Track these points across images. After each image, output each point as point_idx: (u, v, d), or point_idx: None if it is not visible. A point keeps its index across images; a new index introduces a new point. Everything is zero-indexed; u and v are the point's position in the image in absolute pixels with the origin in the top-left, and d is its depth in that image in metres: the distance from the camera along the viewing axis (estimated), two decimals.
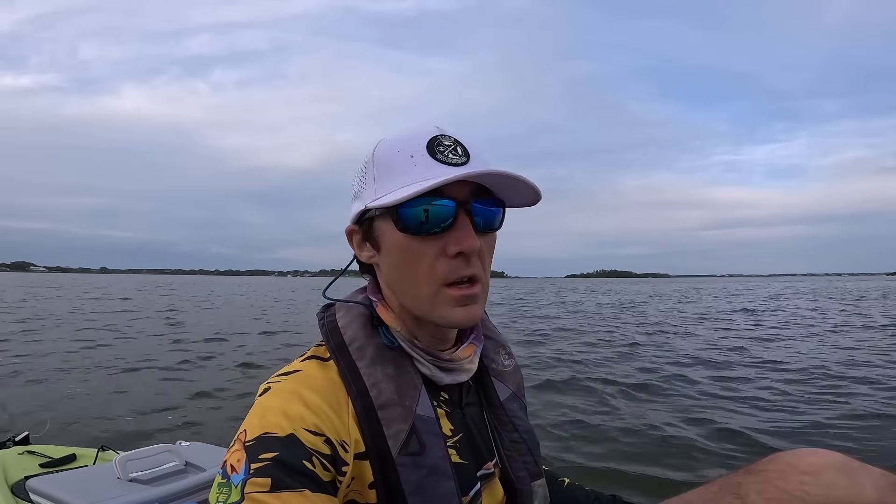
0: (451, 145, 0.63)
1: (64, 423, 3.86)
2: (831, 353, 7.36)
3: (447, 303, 0.63)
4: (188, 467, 1.55)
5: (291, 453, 0.54)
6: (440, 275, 0.62)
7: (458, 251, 0.61)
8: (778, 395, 4.90)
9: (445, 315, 0.63)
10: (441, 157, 0.62)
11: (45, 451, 1.77)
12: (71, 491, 1.33)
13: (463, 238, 0.61)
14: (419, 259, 0.62)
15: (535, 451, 0.78)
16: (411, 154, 0.62)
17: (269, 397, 0.60)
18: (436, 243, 0.62)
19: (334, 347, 0.66)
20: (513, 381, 0.81)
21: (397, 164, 0.63)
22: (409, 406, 0.63)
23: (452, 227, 0.61)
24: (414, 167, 0.61)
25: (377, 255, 0.67)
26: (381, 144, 0.66)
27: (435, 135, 0.64)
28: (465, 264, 0.62)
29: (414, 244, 0.62)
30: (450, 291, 0.63)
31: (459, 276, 0.62)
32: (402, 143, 0.64)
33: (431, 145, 0.63)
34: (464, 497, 0.66)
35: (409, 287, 0.64)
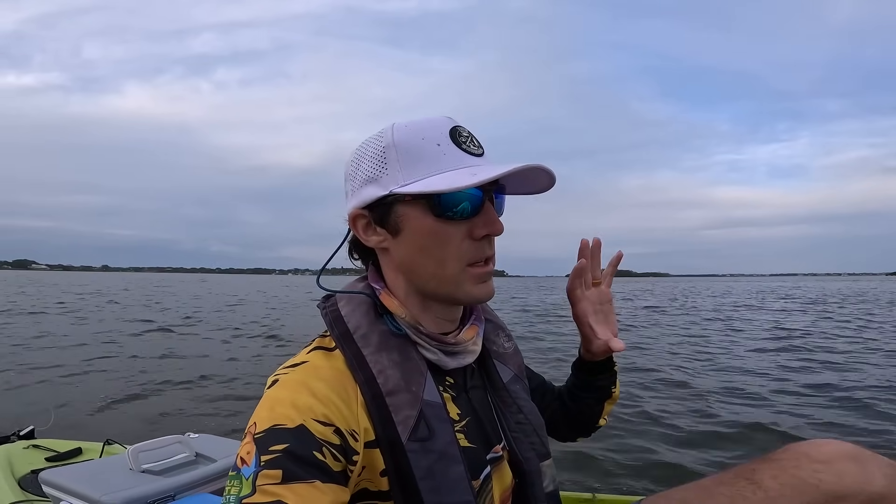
0: (469, 136, 0.67)
1: (67, 417, 3.87)
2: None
3: (470, 280, 0.67)
4: (199, 458, 1.55)
5: (302, 444, 0.55)
6: (466, 256, 0.66)
7: (485, 234, 0.66)
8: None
9: (470, 291, 0.68)
10: (465, 147, 0.65)
11: (50, 444, 1.78)
12: (85, 482, 1.34)
13: (490, 222, 0.66)
14: (448, 242, 0.65)
15: (541, 432, 0.79)
16: (437, 142, 0.64)
17: (277, 389, 0.61)
18: (462, 227, 0.65)
19: (339, 336, 0.67)
20: (514, 362, 0.82)
21: (425, 151, 0.64)
22: (416, 392, 0.64)
23: (479, 212, 0.66)
24: (444, 155, 0.64)
25: (390, 240, 0.67)
26: (399, 130, 0.66)
27: (454, 125, 0.66)
28: (489, 246, 0.68)
29: (443, 228, 0.65)
30: (472, 270, 0.67)
31: (485, 256, 0.67)
32: (423, 129, 0.65)
33: (454, 134, 0.65)
34: (474, 481, 0.66)
35: (435, 268, 0.66)
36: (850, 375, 5.71)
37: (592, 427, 0.98)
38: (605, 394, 0.94)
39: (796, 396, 4.80)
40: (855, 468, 0.67)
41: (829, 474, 0.66)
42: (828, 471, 0.67)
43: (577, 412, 0.95)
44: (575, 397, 0.95)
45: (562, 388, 0.99)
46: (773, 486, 0.67)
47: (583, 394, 0.94)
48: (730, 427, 3.78)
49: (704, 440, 3.52)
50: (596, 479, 2.70)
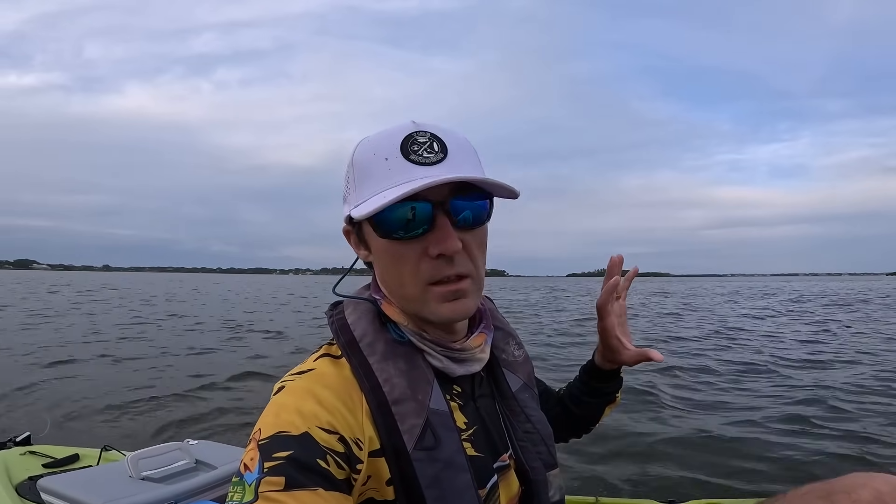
0: (426, 142, 0.62)
1: (63, 422, 3.86)
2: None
3: (435, 300, 0.63)
4: (199, 465, 1.54)
5: (305, 452, 0.54)
6: (424, 275, 0.62)
7: (438, 253, 0.60)
8: None
9: (435, 312, 0.64)
10: (415, 158, 0.60)
11: (47, 451, 1.77)
12: (85, 490, 1.33)
13: (441, 239, 0.60)
14: (403, 262, 0.63)
15: (549, 441, 0.78)
16: (385, 157, 0.61)
17: (283, 396, 0.60)
18: (418, 245, 0.62)
19: (345, 344, 0.66)
20: (523, 371, 0.81)
21: (373, 168, 0.62)
22: (423, 400, 0.63)
23: (432, 229, 0.61)
24: (388, 171, 0.60)
25: (371, 256, 0.68)
26: (360, 146, 0.65)
27: (409, 132, 0.62)
28: (449, 264, 0.62)
29: (396, 247, 0.62)
30: (436, 289, 0.63)
31: (444, 276, 0.62)
32: (378, 144, 0.63)
33: (405, 145, 0.61)
34: (481, 490, 0.66)
35: (398, 287, 0.65)
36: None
37: (589, 430, 0.98)
38: (610, 399, 0.94)
39: None
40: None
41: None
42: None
43: (579, 416, 0.95)
44: (580, 402, 0.94)
45: (562, 392, 0.99)
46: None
47: (590, 399, 0.94)
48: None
49: None
50: (600, 484, 2.69)
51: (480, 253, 0.66)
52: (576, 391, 0.96)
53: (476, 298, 0.67)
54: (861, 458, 3.29)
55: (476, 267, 0.65)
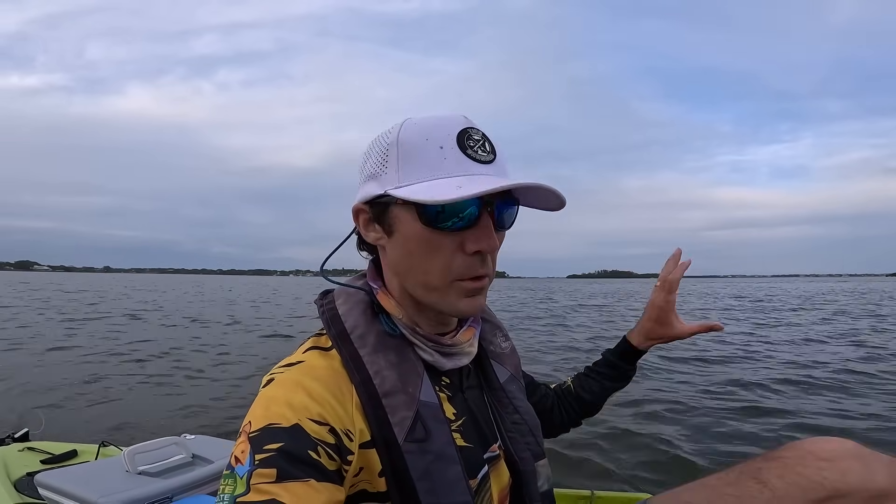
0: (480, 140, 0.62)
1: (61, 419, 3.86)
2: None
3: (457, 294, 0.64)
4: (196, 459, 1.55)
5: (296, 443, 0.54)
6: (456, 270, 0.62)
7: (476, 250, 0.61)
8: None
9: (453, 304, 0.64)
10: (471, 153, 0.61)
11: (45, 447, 1.77)
12: (81, 484, 1.34)
13: (484, 238, 0.61)
14: (436, 252, 0.62)
15: (536, 432, 0.79)
16: (441, 145, 0.60)
17: (272, 388, 0.60)
18: (455, 238, 0.61)
19: (336, 336, 0.66)
20: (511, 362, 0.82)
21: (426, 154, 0.60)
22: (413, 393, 0.63)
23: (474, 225, 0.61)
24: (444, 160, 0.60)
25: (386, 239, 0.66)
26: (408, 127, 0.63)
27: (465, 127, 0.62)
28: (482, 262, 0.63)
29: (434, 237, 0.61)
30: (462, 284, 0.63)
31: (474, 274, 0.63)
32: (430, 129, 0.62)
33: (462, 138, 0.61)
34: (472, 480, 0.66)
35: (420, 276, 0.64)
36: None
37: (592, 415, 1.02)
38: (626, 382, 1.01)
39: None
40: (858, 466, 0.68)
41: (833, 472, 0.68)
42: (832, 468, 0.68)
43: (588, 402, 0.99)
44: (599, 387, 0.99)
45: (566, 384, 1.01)
46: (779, 485, 0.68)
47: (611, 383, 0.99)
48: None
49: None
50: (594, 477, 2.69)
51: (496, 254, 0.67)
52: (593, 375, 1.00)
53: (486, 296, 0.68)
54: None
55: (494, 267, 0.66)
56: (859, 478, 0.67)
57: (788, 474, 0.69)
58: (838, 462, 0.68)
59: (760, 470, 0.72)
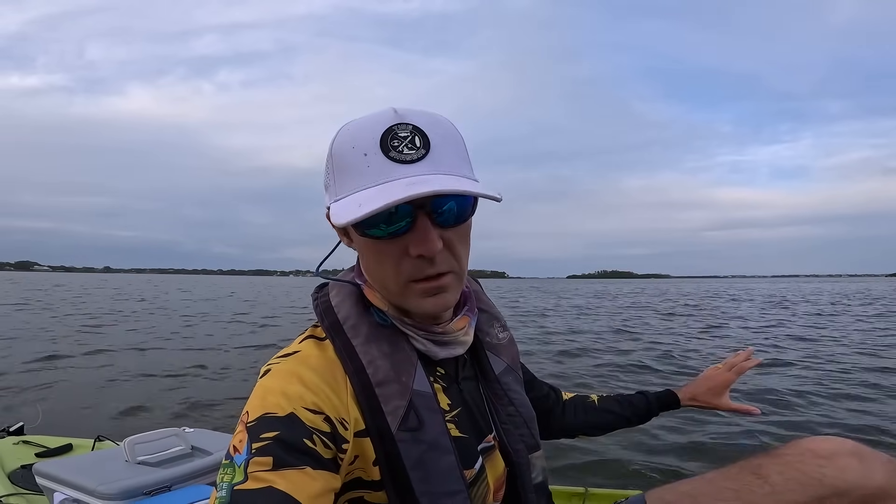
0: (407, 136, 0.58)
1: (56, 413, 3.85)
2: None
3: (416, 295, 0.64)
4: (195, 451, 1.56)
5: (292, 432, 0.56)
6: (405, 273, 0.62)
7: (417, 254, 0.60)
8: None
9: (419, 305, 0.65)
10: (394, 155, 0.57)
11: (40, 441, 1.78)
12: (80, 473, 1.34)
13: (421, 241, 0.59)
14: (384, 259, 0.62)
15: (531, 424, 0.79)
16: (364, 152, 0.58)
17: (269, 379, 0.62)
18: (399, 243, 0.61)
19: (329, 326, 0.68)
20: (507, 354, 0.82)
21: (351, 163, 0.59)
22: (406, 382, 0.65)
23: (412, 229, 0.59)
24: (367, 168, 0.58)
25: (353, 244, 0.69)
26: (340, 134, 0.62)
27: (390, 125, 0.59)
28: (429, 264, 0.61)
29: (377, 246, 0.62)
30: (417, 286, 0.63)
31: (424, 275, 0.62)
32: (357, 135, 0.60)
33: (385, 139, 0.58)
34: (467, 471, 0.67)
35: (380, 281, 0.66)
36: None
37: (592, 436, 1.09)
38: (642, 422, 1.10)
39: None
40: (856, 464, 0.71)
41: (831, 469, 0.70)
42: (830, 466, 0.71)
43: (604, 426, 1.07)
44: (625, 419, 1.08)
45: (598, 400, 1.08)
46: (778, 481, 0.71)
47: (636, 422, 1.08)
48: None
49: None
50: (588, 473, 2.69)
51: (463, 248, 0.65)
52: (626, 405, 1.08)
53: (457, 291, 0.67)
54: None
55: (458, 262, 0.64)
56: (857, 476, 0.70)
57: (788, 471, 0.72)
58: (837, 460, 0.71)
59: (760, 466, 0.74)
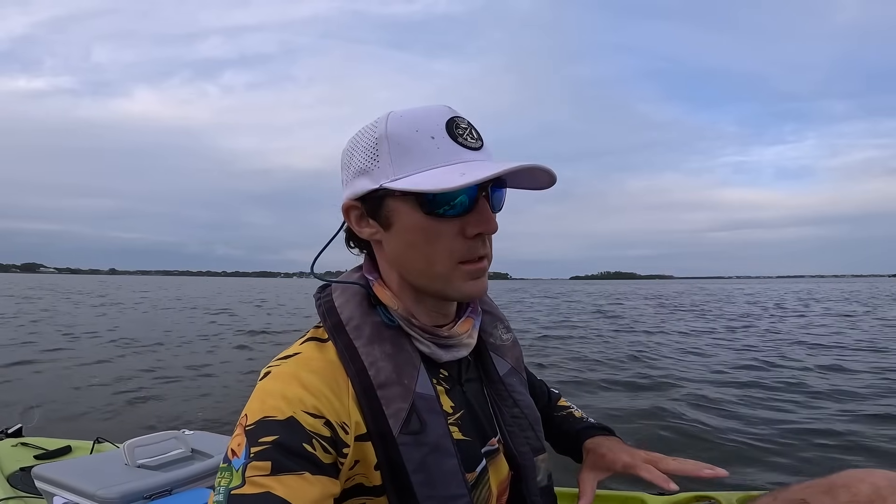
0: (468, 128, 0.64)
1: (55, 415, 3.86)
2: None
3: (461, 277, 0.65)
4: (195, 454, 1.55)
5: (291, 436, 0.55)
6: (457, 254, 0.63)
7: (477, 232, 0.63)
8: None
9: (460, 288, 0.65)
10: (462, 141, 0.62)
11: (38, 443, 1.77)
12: (79, 476, 1.33)
13: (484, 220, 0.63)
14: (438, 239, 0.63)
15: (537, 427, 0.78)
16: (431, 135, 0.61)
17: (268, 381, 0.61)
18: (455, 224, 0.63)
19: (331, 327, 0.67)
20: (511, 355, 0.81)
21: (418, 145, 0.61)
22: (409, 384, 0.63)
23: (472, 210, 0.63)
24: (437, 149, 0.61)
25: (382, 233, 0.67)
26: (394, 120, 0.63)
27: (452, 116, 0.63)
28: (482, 244, 0.65)
29: (434, 225, 0.62)
30: (465, 267, 0.64)
31: (477, 256, 0.64)
32: (418, 121, 0.62)
33: (451, 127, 0.62)
34: (470, 474, 0.66)
35: (424, 264, 0.64)
36: None
37: None
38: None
39: None
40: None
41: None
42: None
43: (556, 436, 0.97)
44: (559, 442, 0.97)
45: (550, 411, 0.98)
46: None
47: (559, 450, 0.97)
48: None
49: None
50: None
51: (492, 240, 0.68)
52: (555, 430, 0.95)
53: (487, 280, 0.68)
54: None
55: (492, 251, 0.68)
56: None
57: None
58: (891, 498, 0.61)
59: (805, 502, 0.64)
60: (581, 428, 0.92)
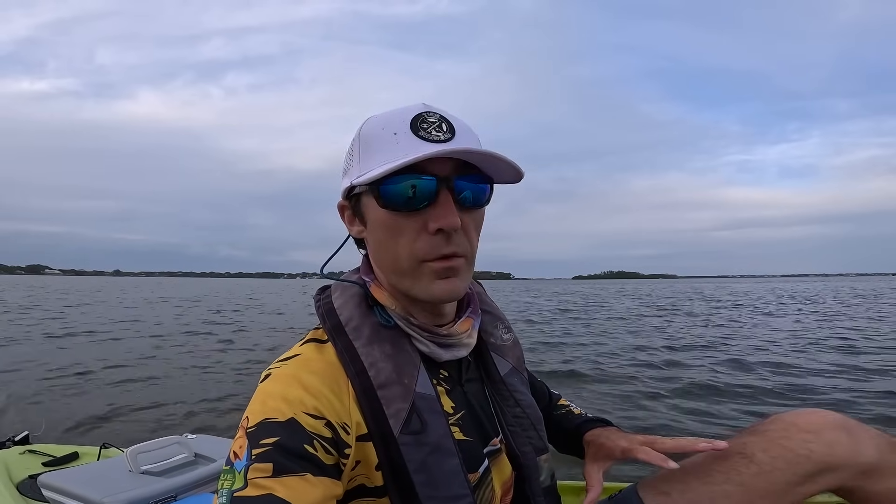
0: (436, 122, 0.62)
1: (61, 421, 3.86)
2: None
3: (427, 276, 0.63)
4: (198, 459, 1.55)
5: (292, 438, 0.55)
6: (420, 251, 0.62)
7: (437, 228, 0.61)
8: None
9: (426, 288, 0.64)
10: (424, 135, 0.61)
11: (46, 450, 1.78)
12: (85, 485, 1.34)
13: (443, 215, 0.60)
14: (400, 235, 0.62)
15: (539, 426, 0.78)
16: (394, 132, 0.62)
17: (269, 383, 0.61)
18: (417, 219, 0.62)
19: (331, 329, 0.67)
20: (512, 355, 0.81)
21: (380, 142, 0.62)
22: (409, 384, 0.63)
23: (433, 204, 0.61)
24: (396, 144, 0.61)
25: (365, 230, 0.68)
26: (368, 122, 0.66)
27: (420, 112, 0.63)
28: (446, 241, 0.62)
29: (396, 220, 0.62)
30: (430, 265, 0.63)
31: (440, 254, 0.62)
32: (387, 120, 0.64)
33: (415, 122, 0.62)
34: (472, 474, 0.66)
35: (391, 262, 0.65)
36: None
37: None
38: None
39: None
40: (846, 438, 0.67)
41: (819, 444, 0.67)
42: (817, 441, 0.67)
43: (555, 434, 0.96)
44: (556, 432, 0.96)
45: (561, 413, 0.98)
46: (764, 460, 0.68)
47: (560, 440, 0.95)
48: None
49: None
50: None
51: (476, 235, 0.66)
52: (557, 428, 0.95)
53: (466, 280, 0.67)
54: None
55: (471, 247, 0.65)
56: (847, 451, 0.67)
57: (773, 448, 0.69)
58: (824, 434, 0.68)
59: (745, 444, 0.71)
60: (580, 423, 0.93)
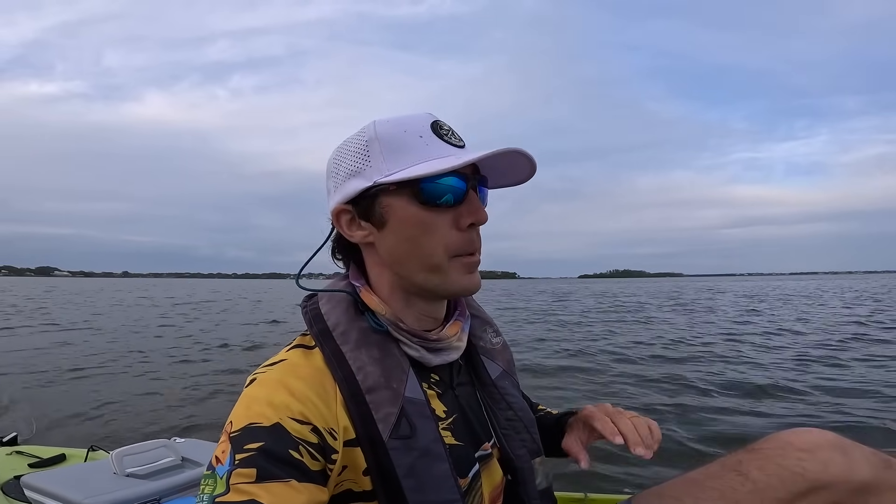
0: (450, 130, 0.67)
1: (50, 424, 3.86)
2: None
3: (457, 271, 0.66)
4: (185, 462, 1.55)
5: (277, 443, 0.54)
6: (453, 246, 0.65)
7: (470, 222, 0.65)
8: None
9: (458, 281, 0.66)
10: (447, 139, 0.65)
11: (33, 451, 1.78)
12: (68, 486, 1.34)
13: (475, 210, 0.65)
14: (434, 231, 0.64)
15: (532, 429, 0.78)
16: (420, 135, 0.64)
17: (254, 388, 0.60)
18: (448, 216, 0.64)
19: (318, 333, 0.66)
20: (502, 358, 0.81)
21: (408, 143, 0.64)
22: (397, 389, 0.63)
23: (463, 201, 0.65)
24: (427, 146, 0.64)
25: (375, 234, 0.67)
26: (381, 124, 0.66)
27: (435, 119, 0.67)
28: (476, 237, 0.67)
29: (430, 216, 0.64)
30: (460, 260, 0.66)
31: (472, 248, 0.66)
32: (404, 124, 0.65)
33: (435, 127, 0.66)
34: (462, 479, 0.65)
35: (422, 258, 0.65)
36: None
37: None
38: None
39: None
40: (839, 457, 0.68)
41: (813, 463, 0.68)
42: (812, 459, 0.68)
43: None
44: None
45: (547, 415, 0.97)
46: (759, 478, 0.69)
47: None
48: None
49: None
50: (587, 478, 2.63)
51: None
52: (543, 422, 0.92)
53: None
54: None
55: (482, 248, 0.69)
56: (841, 469, 0.67)
57: (768, 466, 0.70)
58: (818, 453, 0.69)
59: (741, 462, 0.72)
60: (559, 415, 0.93)
